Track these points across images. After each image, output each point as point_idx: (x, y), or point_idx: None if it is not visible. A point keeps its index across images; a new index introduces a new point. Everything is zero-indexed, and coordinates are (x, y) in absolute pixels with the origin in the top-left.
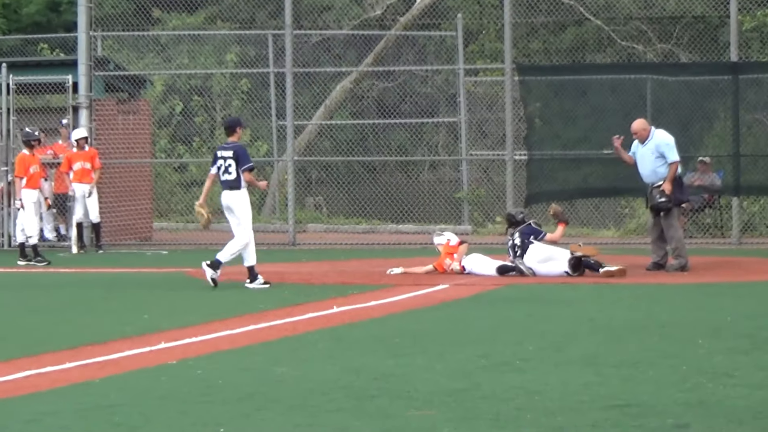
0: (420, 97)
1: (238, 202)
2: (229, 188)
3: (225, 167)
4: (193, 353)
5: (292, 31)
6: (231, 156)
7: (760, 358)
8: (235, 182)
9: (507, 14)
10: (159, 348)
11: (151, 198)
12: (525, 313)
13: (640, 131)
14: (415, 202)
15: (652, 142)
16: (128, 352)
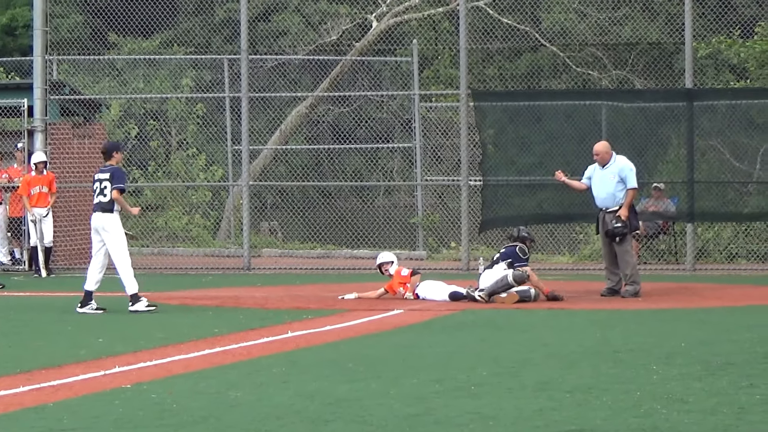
0: (375, 123)
1: (109, 224)
2: (101, 210)
3: (100, 189)
4: (147, 377)
5: (247, 55)
6: (107, 178)
7: (713, 384)
8: (108, 205)
9: (462, 40)
10: (113, 372)
11: None
12: (479, 339)
13: (603, 153)
14: (370, 228)
15: (614, 165)
16: (82, 376)
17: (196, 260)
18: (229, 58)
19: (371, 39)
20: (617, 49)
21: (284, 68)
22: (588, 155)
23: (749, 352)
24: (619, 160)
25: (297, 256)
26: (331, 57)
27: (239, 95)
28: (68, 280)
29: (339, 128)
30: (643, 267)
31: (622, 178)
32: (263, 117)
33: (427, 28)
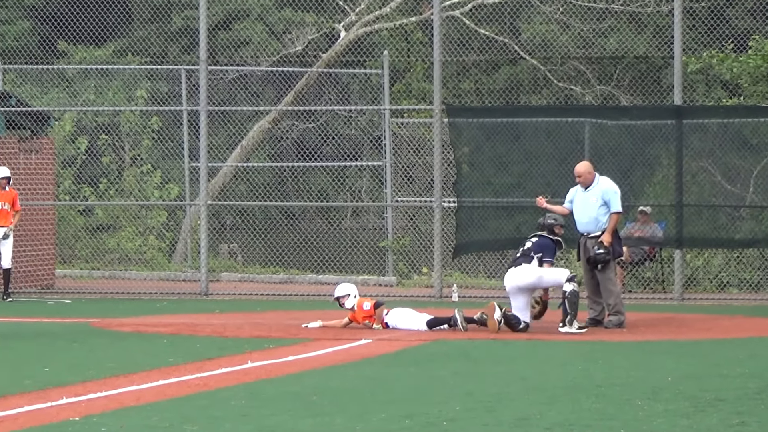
0: (343, 139)
1: None
2: None
3: None
4: (97, 409)
5: (206, 66)
6: None
7: (702, 421)
8: None
9: (436, 52)
10: (60, 403)
11: (53, 243)
12: (452, 371)
13: (585, 174)
14: (336, 251)
15: (597, 188)
16: (27, 408)
17: (150, 284)
18: (187, 69)
19: (339, 50)
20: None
21: (246, 80)
22: (570, 176)
23: (740, 387)
24: (603, 181)
25: (258, 281)
26: (296, 69)
27: (197, 108)
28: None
29: (304, 145)
30: (628, 296)
31: (605, 201)
32: (223, 132)
33: (398, 39)
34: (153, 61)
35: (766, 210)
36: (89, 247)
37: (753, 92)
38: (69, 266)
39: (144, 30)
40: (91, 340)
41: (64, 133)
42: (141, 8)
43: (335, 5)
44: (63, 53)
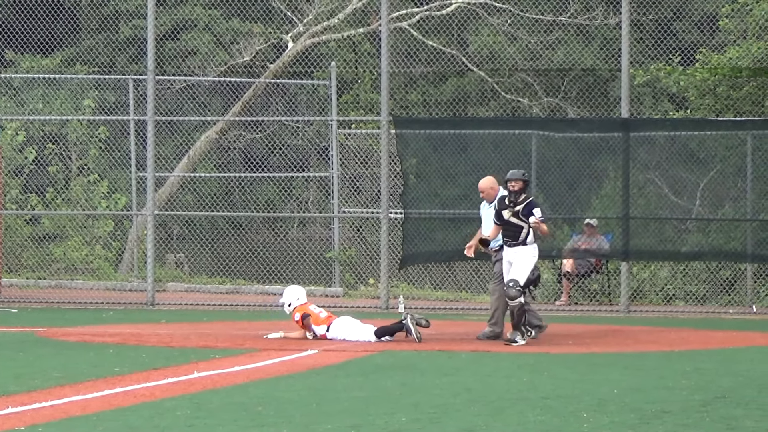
0: (290, 150)
1: None
2: None
3: None
4: (42, 419)
5: (154, 76)
6: None
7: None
8: None
9: (384, 63)
10: (6, 413)
11: (0, 252)
12: (398, 382)
13: (488, 190)
14: (282, 262)
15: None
16: None
17: (96, 294)
18: (135, 79)
19: (286, 60)
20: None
21: (193, 90)
22: None
23: (685, 399)
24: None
25: (204, 291)
26: (243, 79)
27: (145, 118)
28: None
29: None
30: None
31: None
32: (170, 142)
33: (346, 50)
34: (100, 71)
35: (713, 223)
36: (36, 256)
37: (700, 105)
38: (15, 275)
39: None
40: (37, 349)
41: (15, 142)
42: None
43: (283, 16)
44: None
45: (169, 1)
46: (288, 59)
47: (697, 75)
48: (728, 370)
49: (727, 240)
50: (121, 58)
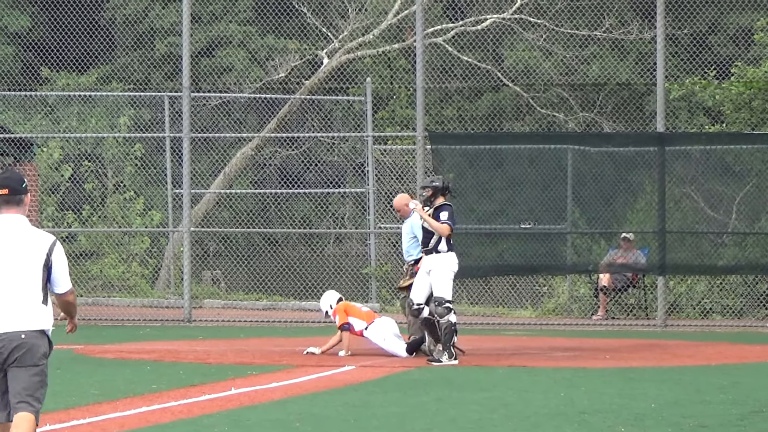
0: (325, 166)
1: None
2: None
3: None
4: None
5: (189, 93)
6: None
7: None
8: None
9: (419, 79)
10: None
11: None
12: (435, 398)
13: (402, 207)
14: (319, 278)
15: (408, 221)
16: None
17: (133, 311)
18: (170, 96)
19: (322, 77)
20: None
21: (228, 107)
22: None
23: (723, 414)
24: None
25: (241, 307)
26: (279, 95)
27: (180, 135)
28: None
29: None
30: (611, 322)
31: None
32: (206, 159)
33: (381, 66)
34: (136, 88)
35: (749, 236)
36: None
37: (735, 119)
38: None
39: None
40: (75, 366)
41: (51, 160)
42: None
43: (318, 32)
44: (46, 80)
45: (204, 18)
46: (323, 75)
47: (732, 89)
48: (766, 384)
49: (763, 253)
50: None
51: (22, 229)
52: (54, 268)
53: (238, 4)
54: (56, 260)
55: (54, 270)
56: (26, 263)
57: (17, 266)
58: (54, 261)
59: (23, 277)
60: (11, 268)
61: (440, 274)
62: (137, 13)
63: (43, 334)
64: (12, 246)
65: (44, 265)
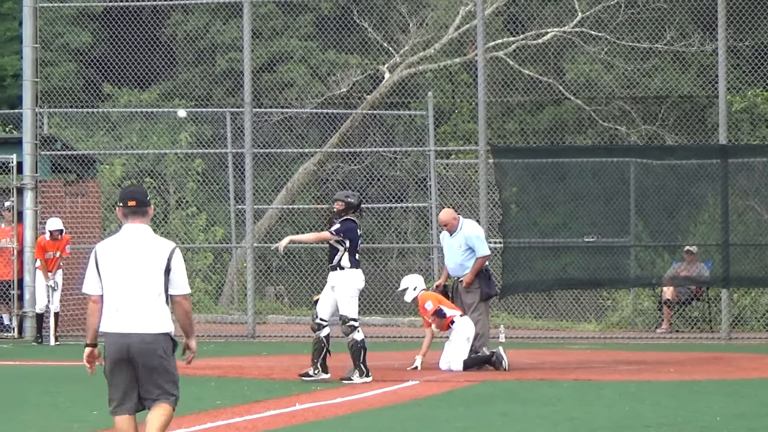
0: (388, 181)
1: None
2: None
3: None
4: None
5: (251, 109)
6: None
7: None
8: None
9: (481, 93)
10: None
11: None
12: (500, 412)
13: (450, 221)
14: (382, 293)
15: (460, 234)
16: None
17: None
18: (232, 112)
19: (383, 91)
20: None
21: (290, 122)
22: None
23: None
24: (466, 226)
25: (305, 323)
26: (341, 110)
27: (242, 151)
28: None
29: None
30: (675, 335)
31: (469, 246)
32: (268, 174)
33: (443, 80)
34: (197, 104)
35: None
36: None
37: None
38: None
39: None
40: None
41: (113, 177)
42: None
43: (379, 47)
44: (108, 96)
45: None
46: (385, 90)
47: None
48: None
49: None
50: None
51: (146, 238)
52: (172, 271)
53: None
54: (175, 264)
55: (172, 273)
56: (149, 269)
57: (141, 272)
58: (173, 265)
59: (147, 281)
60: (136, 273)
61: (344, 291)
62: (198, 29)
63: (166, 335)
64: (137, 253)
65: (165, 269)
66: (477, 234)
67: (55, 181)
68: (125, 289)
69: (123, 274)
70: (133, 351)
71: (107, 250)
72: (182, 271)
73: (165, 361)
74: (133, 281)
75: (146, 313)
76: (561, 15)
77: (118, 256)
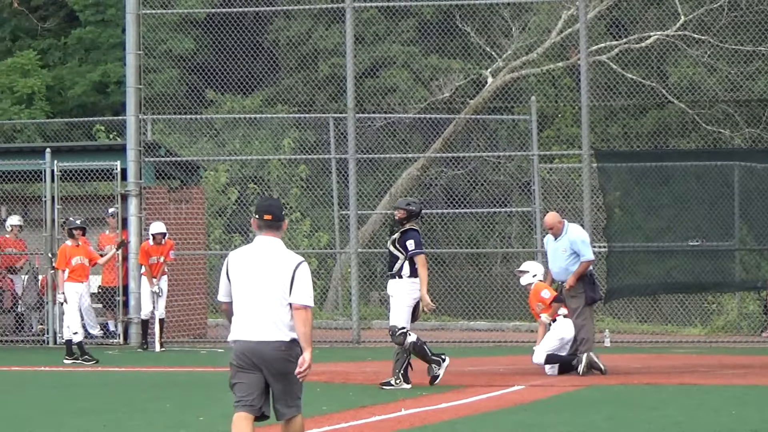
0: (491, 185)
1: None
2: None
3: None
4: None
5: (354, 114)
6: None
7: None
8: None
9: (584, 97)
10: None
11: (205, 292)
12: (605, 416)
13: (556, 225)
14: (487, 297)
15: (565, 238)
16: None
17: None
18: (335, 117)
19: (486, 96)
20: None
21: (393, 127)
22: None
23: None
24: (571, 230)
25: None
26: (444, 115)
27: (346, 156)
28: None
29: (453, 191)
30: None
31: (574, 251)
32: (372, 179)
33: (546, 84)
34: (300, 110)
35: None
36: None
37: None
38: (221, 315)
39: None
40: None
41: (218, 184)
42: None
43: (482, 51)
44: (211, 103)
45: (367, 39)
46: (488, 95)
47: None
48: None
49: None
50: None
51: (276, 250)
52: (295, 282)
53: (402, 25)
54: (299, 276)
55: (295, 284)
56: (277, 280)
57: (271, 282)
58: (296, 277)
59: (275, 292)
60: (266, 284)
61: (400, 300)
62: (300, 34)
63: (291, 343)
64: (265, 264)
65: (291, 281)
66: (582, 238)
67: (159, 187)
68: (253, 298)
69: (251, 284)
70: (263, 358)
71: (238, 259)
72: (305, 284)
73: (293, 370)
74: (260, 291)
75: (273, 321)
76: (663, 18)
77: (248, 266)
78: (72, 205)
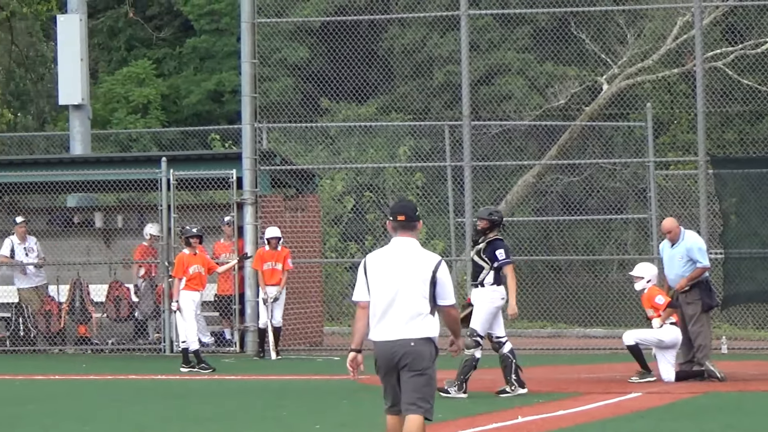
0: (607, 192)
1: None
2: None
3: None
4: None
5: (470, 121)
6: None
7: None
8: None
9: (700, 103)
10: None
11: (321, 300)
12: (725, 424)
13: (674, 229)
14: (603, 305)
15: (682, 245)
16: None
17: None
18: (450, 125)
19: (602, 103)
20: None
21: (509, 135)
22: None
23: None
24: (688, 237)
25: (526, 335)
26: (559, 122)
27: (461, 164)
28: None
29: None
30: None
31: (690, 258)
32: (487, 187)
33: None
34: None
35: None
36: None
37: None
38: (336, 323)
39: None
40: (360, 396)
41: (334, 192)
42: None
43: (597, 58)
44: (326, 111)
45: (482, 47)
46: (603, 101)
47: None
48: None
49: None
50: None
51: (414, 250)
52: (438, 284)
53: (516, 32)
54: (440, 277)
55: (438, 285)
56: (415, 279)
57: (408, 282)
58: (438, 277)
59: (413, 291)
60: (403, 283)
61: (481, 307)
62: (415, 42)
63: (429, 341)
64: (404, 264)
65: (430, 281)
66: (699, 246)
67: (274, 195)
68: (392, 297)
69: (390, 284)
70: (400, 356)
71: (376, 260)
72: (448, 283)
73: (429, 367)
74: (399, 291)
75: (412, 320)
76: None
77: (387, 266)
78: (188, 214)
